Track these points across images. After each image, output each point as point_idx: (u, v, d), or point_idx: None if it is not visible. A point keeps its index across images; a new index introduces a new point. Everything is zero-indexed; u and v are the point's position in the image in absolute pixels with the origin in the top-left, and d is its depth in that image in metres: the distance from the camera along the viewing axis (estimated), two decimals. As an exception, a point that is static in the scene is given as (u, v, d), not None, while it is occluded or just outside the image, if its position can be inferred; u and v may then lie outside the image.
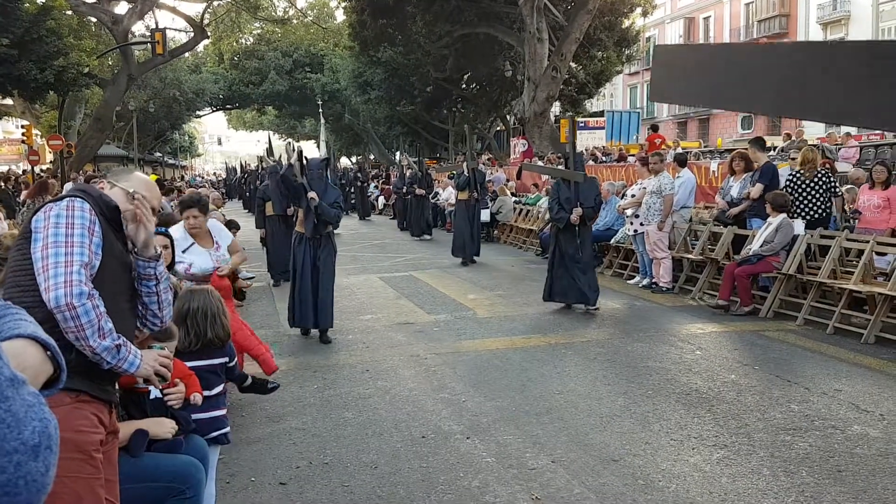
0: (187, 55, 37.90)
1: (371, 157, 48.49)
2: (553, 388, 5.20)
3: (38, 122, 31.24)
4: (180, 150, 61.82)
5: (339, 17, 38.83)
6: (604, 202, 9.69)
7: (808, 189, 7.92)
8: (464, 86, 32.85)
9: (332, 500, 3.54)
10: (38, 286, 2.05)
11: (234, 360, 3.55)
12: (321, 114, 45.01)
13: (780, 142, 17.53)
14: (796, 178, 8.01)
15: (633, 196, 9.59)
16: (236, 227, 8.37)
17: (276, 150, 12.73)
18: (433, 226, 16.76)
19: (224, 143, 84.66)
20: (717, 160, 12.60)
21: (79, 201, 2.15)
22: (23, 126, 31.14)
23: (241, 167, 32.04)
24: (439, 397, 5.05)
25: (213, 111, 49.73)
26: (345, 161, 47.06)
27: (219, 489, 3.43)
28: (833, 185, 8.04)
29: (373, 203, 24.56)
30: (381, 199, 24.74)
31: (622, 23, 28.13)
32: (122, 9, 28.78)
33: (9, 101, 29.93)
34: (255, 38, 43.72)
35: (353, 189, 22.66)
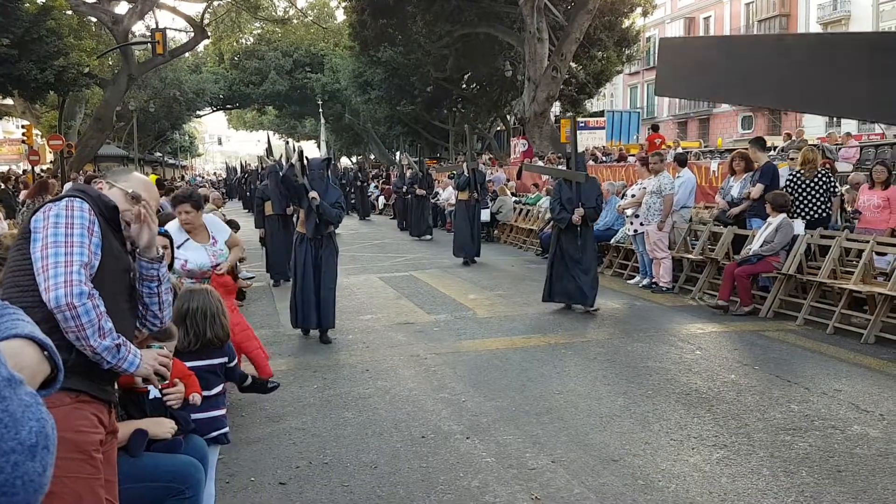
0: (187, 55, 37.91)
1: (371, 157, 48.49)
2: (553, 388, 5.20)
3: (39, 122, 31.25)
4: (180, 150, 61.85)
5: (340, 16, 38.90)
6: (604, 202, 9.68)
7: (808, 189, 7.92)
8: (464, 86, 32.85)
9: (331, 500, 3.54)
10: (37, 286, 2.05)
11: (233, 361, 3.54)
12: (321, 114, 45.02)
13: (780, 142, 17.54)
14: (796, 178, 8.01)
15: (633, 196, 9.58)
16: (236, 227, 8.37)
17: (276, 150, 12.73)
18: (433, 226, 16.76)
19: (224, 142, 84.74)
20: (718, 160, 12.61)
21: (78, 201, 2.15)
22: (23, 126, 31.18)
23: (242, 167, 32.04)
24: (439, 397, 5.05)
25: (213, 111, 49.76)
26: (345, 161, 47.05)
27: (218, 489, 3.43)
28: (833, 185, 8.05)
29: (373, 203, 24.56)
30: (382, 199, 24.75)
31: (622, 23, 28.14)
32: (122, 9, 28.82)
33: (9, 101, 29.94)
34: (256, 38, 43.74)
35: (353, 189, 22.66)
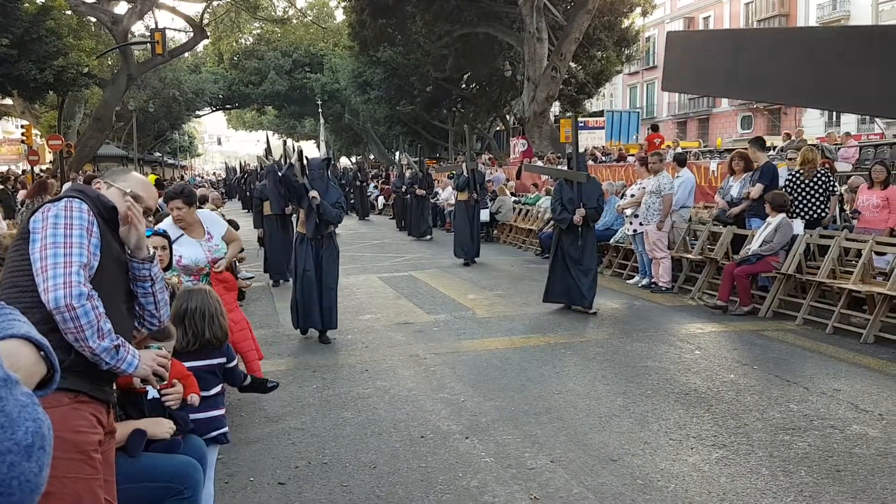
0: (187, 55, 37.89)
1: (371, 156, 48.49)
2: (552, 387, 5.20)
3: (38, 122, 31.26)
4: (180, 149, 61.79)
5: (339, 16, 38.90)
6: (604, 202, 9.68)
7: (808, 189, 7.92)
8: (463, 86, 32.85)
9: (330, 500, 3.54)
10: (36, 287, 2.04)
11: (232, 361, 3.53)
12: (321, 114, 44.99)
13: (779, 141, 17.56)
14: (795, 178, 8.01)
15: (632, 196, 9.59)
16: (236, 227, 8.35)
17: (275, 151, 12.71)
18: (433, 226, 16.76)
19: (224, 142, 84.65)
20: (717, 160, 12.62)
21: (77, 202, 2.14)
22: (22, 126, 31.16)
23: (241, 167, 32.04)
24: (438, 397, 5.05)
25: (213, 111, 49.73)
26: (344, 161, 47.03)
27: (217, 489, 3.43)
28: (832, 184, 8.05)
29: (372, 203, 24.57)
30: (381, 199, 24.75)
31: (622, 22, 28.16)
32: (121, 9, 28.84)
33: (8, 101, 29.94)
34: (255, 38, 43.71)
35: (353, 189, 22.66)
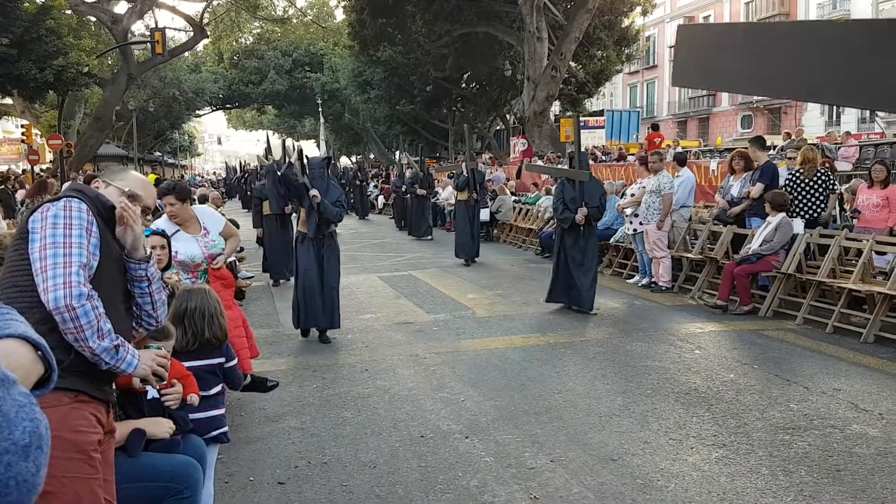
0: (187, 55, 37.90)
1: (371, 156, 48.48)
2: (552, 387, 5.20)
3: (38, 121, 31.26)
4: (180, 149, 61.78)
5: (339, 16, 38.88)
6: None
7: (808, 188, 7.92)
8: (463, 85, 32.85)
9: (330, 500, 3.54)
10: (35, 287, 2.04)
11: (232, 361, 3.52)
12: (321, 113, 45.01)
13: (779, 141, 17.55)
14: (795, 178, 8.01)
15: (632, 195, 9.58)
16: (236, 226, 8.35)
17: (275, 151, 12.71)
18: (433, 226, 16.75)
19: (224, 142, 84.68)
20: (717, 159, 12.61)
21: (76, 202, 2.14)
22: (22, 125, 31.21)
23: (241, 166, 32.04)
24: (438, 397, 5.05)
25: (213, 110, 49.73)
26: (344, 160, 47.01)
27: (217, 489, 3.43)
28: (832, 184, 8.04)
29: (372, 202, 24.57)
30: (381, 199, 24.75)
31: (622, 22, 28.13)
32: (121, 8, 28.85)
33: (8, 101, 29.94)
34: (255, 37, 43.72)
35: (353, 188, 22.67)
